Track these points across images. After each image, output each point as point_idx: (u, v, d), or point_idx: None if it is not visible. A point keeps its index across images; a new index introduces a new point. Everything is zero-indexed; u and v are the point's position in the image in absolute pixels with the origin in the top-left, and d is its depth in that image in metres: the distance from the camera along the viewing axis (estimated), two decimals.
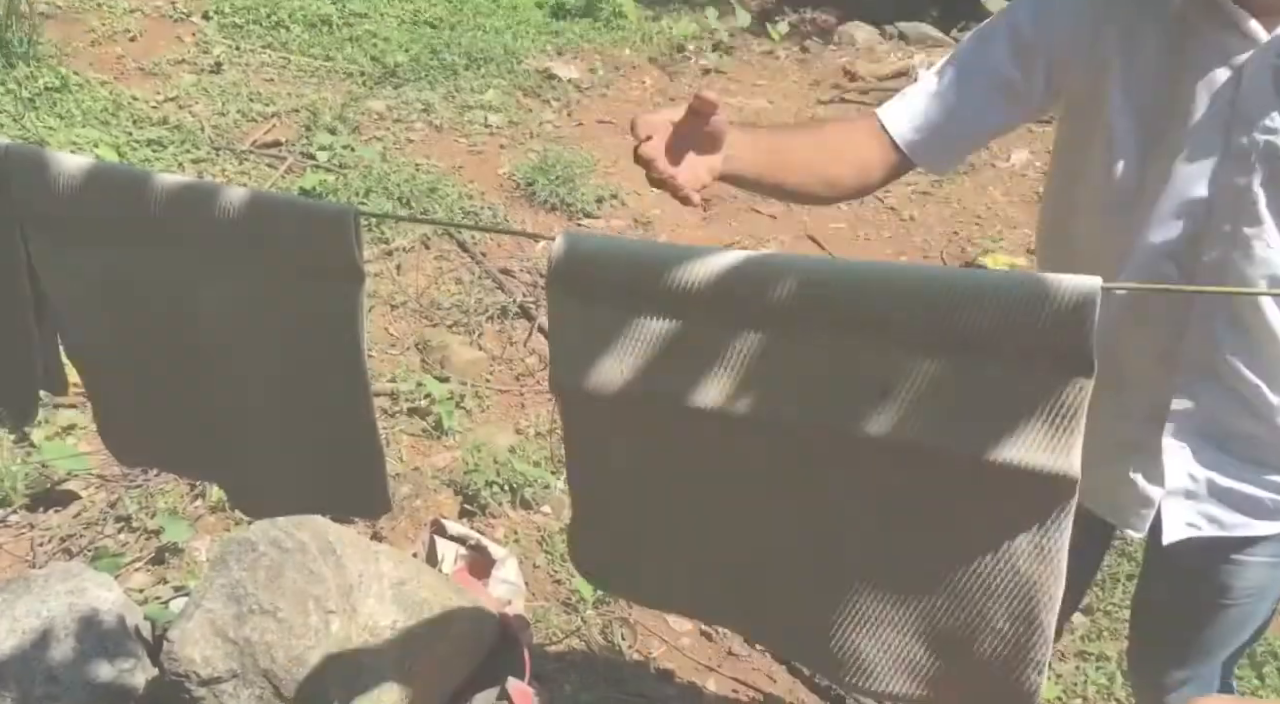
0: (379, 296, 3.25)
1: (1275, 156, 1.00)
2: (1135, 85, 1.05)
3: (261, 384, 1.02)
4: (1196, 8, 1.01)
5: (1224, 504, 1.17)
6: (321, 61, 4.69)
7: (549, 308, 0.85)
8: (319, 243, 0.89)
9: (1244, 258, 1.04)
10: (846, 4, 6.66)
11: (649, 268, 0.79)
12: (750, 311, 0.76)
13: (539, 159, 4.09)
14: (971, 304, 0.67)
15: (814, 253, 3.79)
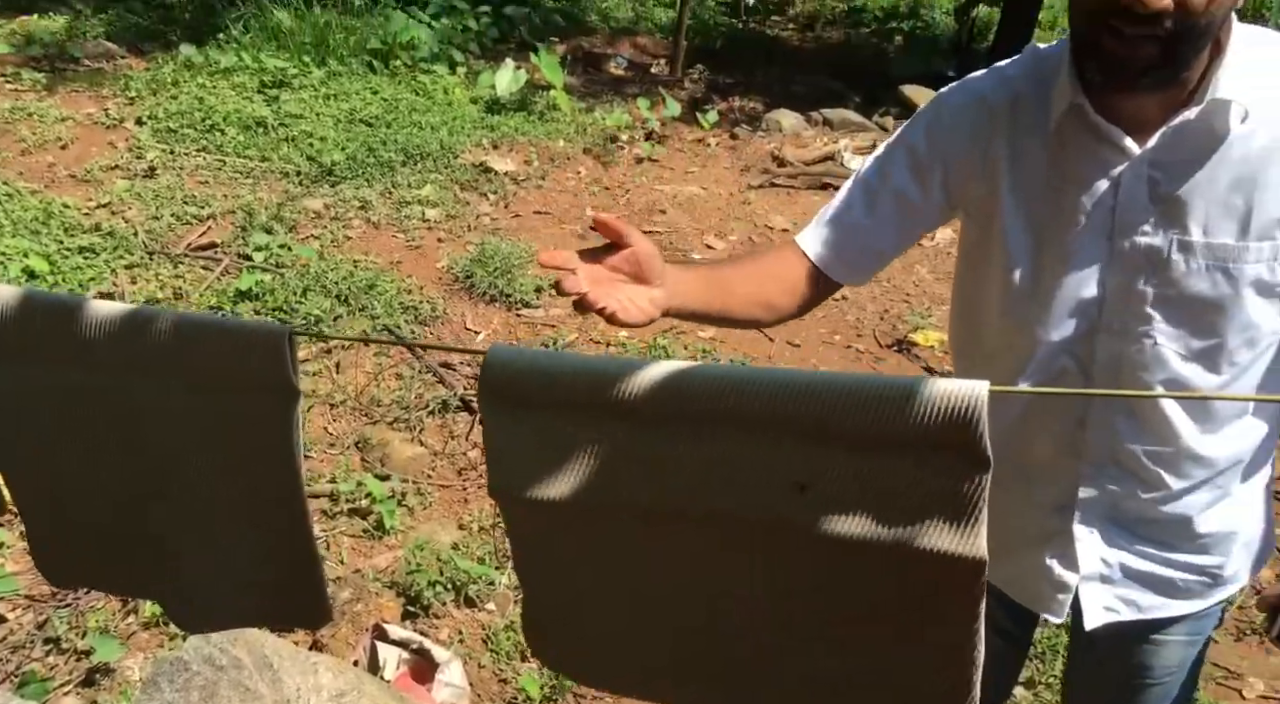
0: (318, 396, 3.23)
1: (1155, 258, 1.06)
2: (1024, 195, 1.12)
3: (197, 501, 1.02)
4: (1074, 125, 1.08)
5: (1139, 587, 1.21)
6: (257, 162, 4.73)
7: (483, 420, 0.88)
8: (253, 363, 0.91)
9: (1137, 353, 1.10)
10: (773, 92, 6.93)
11: (573, 380, 0.82)
12: (673, 418, 0.79)
13: (477, 251, 4.14)
14: (876, 407, 0.71)
15: (751, 333, 3.87)
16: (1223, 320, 1.07)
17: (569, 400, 0.81)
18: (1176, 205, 1.05)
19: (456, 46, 6.41)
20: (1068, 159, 1.09)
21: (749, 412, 0.75)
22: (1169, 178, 1.05)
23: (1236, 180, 1.03)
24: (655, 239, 4.55)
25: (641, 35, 7.86)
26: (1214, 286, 1.06)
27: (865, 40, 8.21)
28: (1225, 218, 1.04)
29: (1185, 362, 1.09)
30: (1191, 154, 1.04)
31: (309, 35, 5.81)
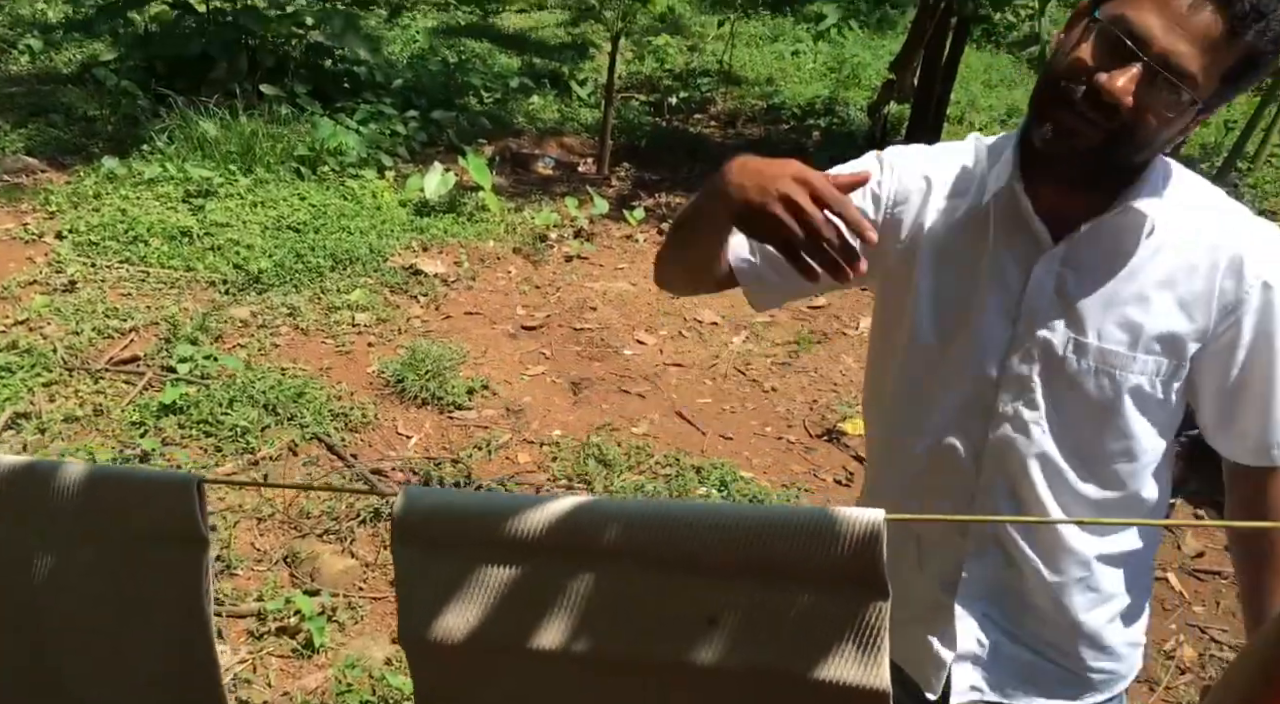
0: (244, 511, 3.16)
1: (1051, 353, 1.13)
2: (941, 269, 1.18)
3: (105, 654, 0.99)
4: (1002, 210, 1.14)
5: (1008, 672, 1.25)
6: (182, 273, 4.69)
7: (394, 563, 0.88)
8: (161, 513, 0.90)
9: (1024, 438, 1.16)
10: (697, 187, 7.11)
11: (486, 520, 0.83)
12: (583, 556, 0.81)
13: (408, 355, 4.13)
14: (777, 539, 0.73)
15: (684, 428, 3.90)
16: (1105, 425, 1.14)
17: (481, 539, 0.83)
18: (1077, 306, 1.11)
19: (385, 151, 6.48)
20: (989, 242, 1.15)
21: (656, 549, 0.77)
22: (1076, 278, 1.11)
23: (1134, 295, 1.10)
24: (587, 336, 4.61)
25: (568, 135, 8.05)
26: (1100, 390, 1.12)
27: (784, 136, 8.51)
28: (1119, 327, 1.10)
29: (1066, 458, 1.15)
30: (1100, 260, 1.11)
31: (235, 144, 5.84)
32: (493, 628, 0.84)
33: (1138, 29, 0.97)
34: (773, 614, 0.76)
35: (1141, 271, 1.10)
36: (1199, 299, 1.09)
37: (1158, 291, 1.10)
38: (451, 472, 3.45)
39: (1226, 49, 0.97)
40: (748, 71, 10.03)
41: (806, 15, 11.81)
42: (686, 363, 4.43)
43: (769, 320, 4.89)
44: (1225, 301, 1.09)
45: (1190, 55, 0.96)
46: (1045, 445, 1.15)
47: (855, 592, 0.72)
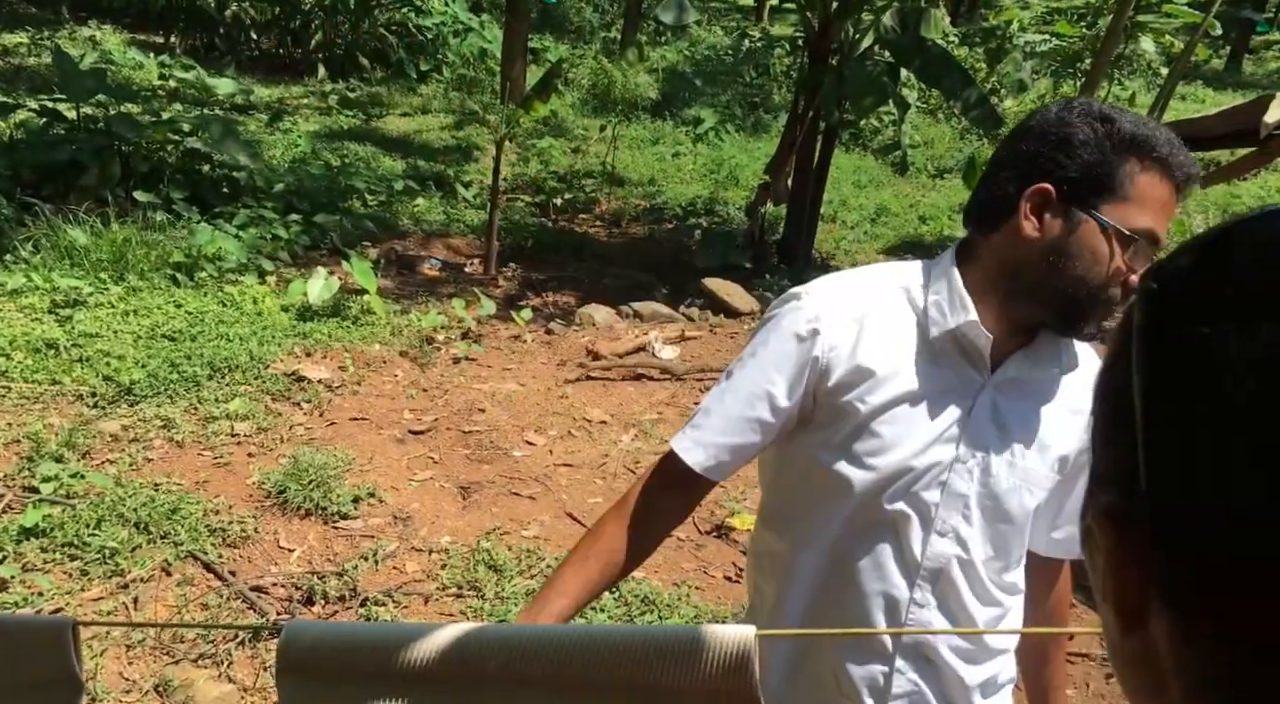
0: (112, 638, 2.98)
1: (988, 472, 1.22)
2: (884, 402, 1.22)
3: None
4: (950, 343, 1.22)
5: None
6: (47, 386, 4.48)
7: (279, 698, 0.87)
8: (34, 659, 0.87)
9: (962, 553, 1.24)
10: (584, 286, 7.25)
11: (371, 651, 0.84)
12: (469, 682, 0.82)
13: (290, 464, 4.03)
14: (654, 660, 0.76)
15: (575, 529, 3.89)
16: (1013, 534, 1.25)
17: (366, 672, 0.83)
18: (1009, 428, 1.22)
19: (266, 256, 6.41)
20: (937, 369, 1.22)
21: (540, 673, 0.79)
22: (1006, 402, 1.22)
23: (1051, 418, 1.23)
24: (475, 438, 4.58)
25: (454, 237, 8.12)
26: (1019, 504, 1.24)
27: (668, 235, 8.78)
28: (1037, 448, 1.23)
29: (987, 567, 1.25)
30: (1030, 385, 1.24)
31: (106, 252, 5.68)
32: None
33: (1156, 234, 1.12)
34: None
35: (1057, 398, 1.24)
36: (1084, 435, 1.24)
37: (1064, 421, 1.24)
38: (336, 585, 3.35)
39: None
40: (631, 172, 10.36)
41: (685, 119, 12.33)
42: (576, 463, 4.45)
43: (657, 417, 4.97)
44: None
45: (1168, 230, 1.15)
46: (975, 557, 1.24)
47: None
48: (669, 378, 5.46)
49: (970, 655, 1.28)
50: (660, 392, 5.33)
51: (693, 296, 6.86)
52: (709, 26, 17.42)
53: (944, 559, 1.23)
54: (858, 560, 1.25)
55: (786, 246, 7.75)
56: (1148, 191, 1.10)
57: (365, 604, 3.28)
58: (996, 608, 1.27)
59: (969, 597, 1.25)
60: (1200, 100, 15.14)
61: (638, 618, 3.34)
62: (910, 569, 1.24)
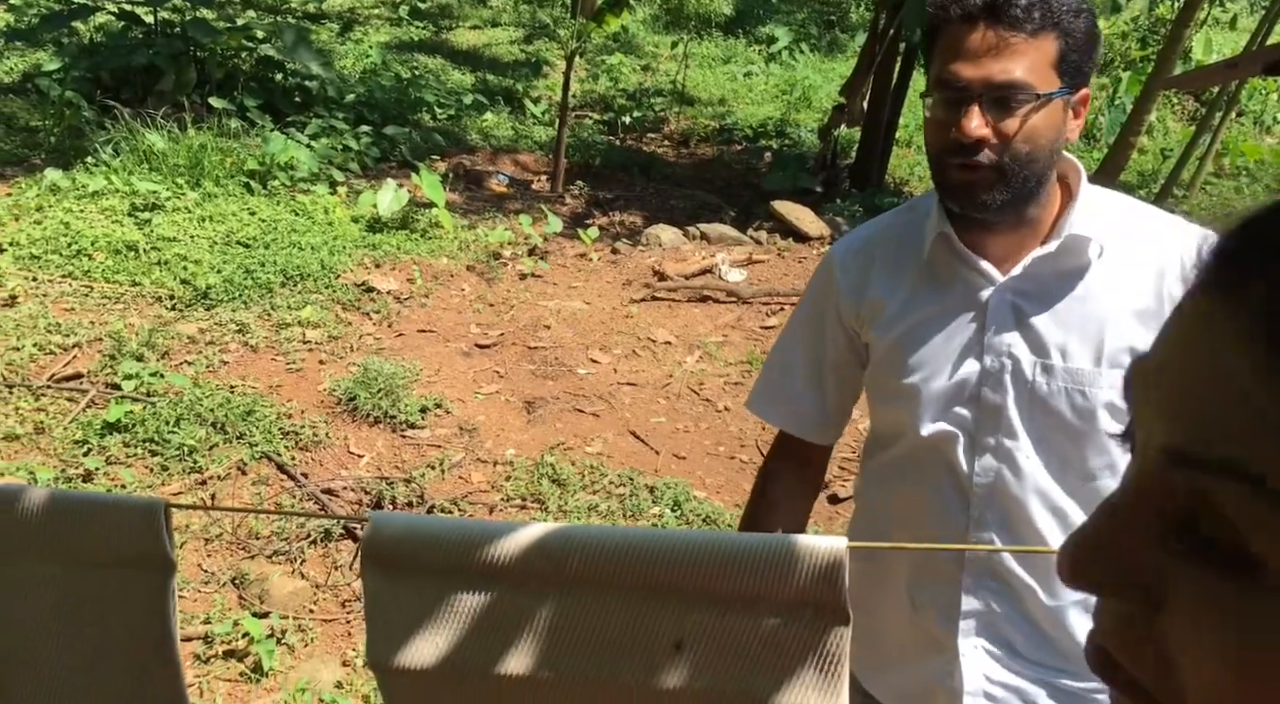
0: (191, 531, 3.10)
1: (1021, 379, 1.17)
2: (905, 323, 1.23)
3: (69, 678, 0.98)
4: (943, 254, 1.22)
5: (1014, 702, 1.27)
6: (128, 287, 4.60)
7: (363, 588, 0.88)
8: (128, 538, 0.89)
9: (1011, 469, 1.19)
10: (651, 207, 7.17)
11: (454, 547, 0.84)
12: (551, 581, 0.81)
13: (360, 373, 4.09)
14: (741, 566, 0.75)
15: (637, 447, 3.91)
16: (1083, 441, 1.17)
17: (449, 566, 0.83)
18: (1037, 331, 1.17)
19: (337, 166, 6.44)
20: (940, 285, 1.22)
21: (622, 576, 0.78)
22: (1032, 305, 1.18)
23: (1090, 313, 1.16)
24: (541, 355, 4.61)
25: (522, 153, 8.06)
26: (1073, 409, 1.16)
27: (737, 157, 8.61)
28: (1081, 345, 1.16)
29: (1053, 478, 1.18)
30: (1052, 284, 1.18)
31: (183, 157, 5.75)
32: (460, 653, 0.84)
33: (952, 78, 1.12)
34: (737, 639, 0.77)
35: (1093, 290, 1.17)
36: (1149, 309, 1.16)
37: (1113, 308, 1.16)
38: (404, 491, 3.43)
39: (1030, 44, 1.10)
40: (701, 92, 10.14)
41: (759, 37, 11.99)
42: (640, 382, 4.45)
43: (722, 340, 4.94)
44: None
45: (1005, 68, 1.09)
46: (1031, 472, 1.19)
47: (817, 618, 0.74)
48: (735, 301, 5.41)
49: (1045, 579, 1.22)
50: (726, 314, 5.28)
51: (761, 220, 6.74)
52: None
53: (992, 475, 1.20)
54: (915, 488, 1.25)
55: (859, 171, 7.56)
56: (941, 43, 1.13)
57: (432, 511, 3.35)
58: (1074, 520, 1.20)
59: (1036, 512, 1.19)
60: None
61: None
62: (963, 490, 1.21)
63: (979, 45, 1.10)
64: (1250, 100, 9.21)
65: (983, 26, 1.09)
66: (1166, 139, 8.76)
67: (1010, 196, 1.14)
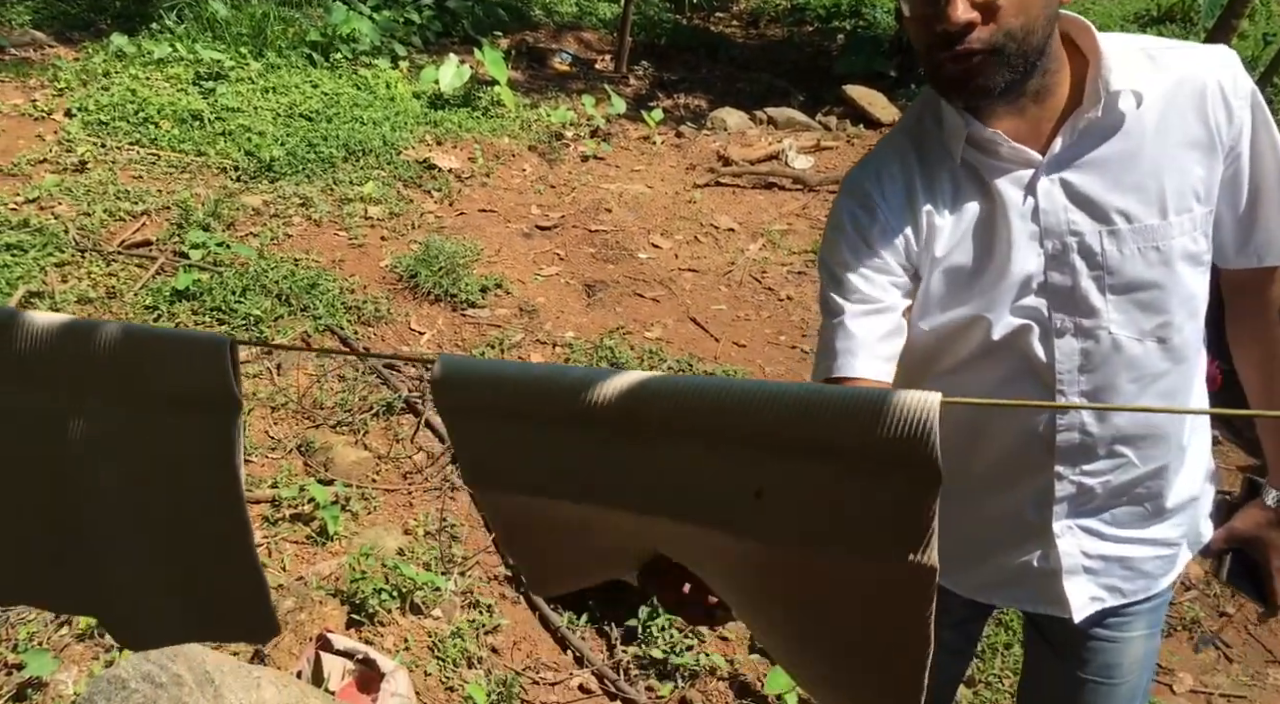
0: (259, 399, 3.16)
1: (1089, 254, 1.11)
2: (956, 228, 1.16)
3: (138, 517, 0.99)
4: (972, 151, 1.14)
5: (1116, 574, 1.26)
6: (193, 157, 4.61)
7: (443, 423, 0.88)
8: (194, 374, 0.88)
9: (1094, 346, 1.14)
10: (717, 89, 6.95)
11: (526, 390, 0.81)
12: (627, 427, 0.79)
13: (421, 250, 4.09)
14: (828, 416, 0.71)
15: (697, 333, 3.88)
16: (1165, 296, 1.13)
17: (520, 410, 0.81)
18: (1094, 200, 1.11)
19: (399, 40, 6.32)
20: (982, 184, 1.15)
21: (701, 423, 0.75)
22: (1081, 176, 1.11)
23: (1143, 166, 1.10)
24: (601, 238, 4.55)
25: (586, 30, 7.84)
26: (1149, 267, 1.12)
27: (808, 38, 8.27)
28: (1143, 202, 1.11)
29: (1139, 342, 1.15)
30: (1095, 150, 1.11)
31: (246, 26, 5.68)
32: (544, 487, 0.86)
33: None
34: (822, 491, 0.74)
35: (1140, 142, 1.10)
36: (1201, 139, 1.11)
37: (1163, 152, 1.10)
38: None
39: None
40: None
41: None
42: (701, 269, 4.39)
43: (787, 228, 4.83)
44: (1225, 130, 1.11)
45: None
46: (1115, 342, 1.14)
47: (908, 473, 0.70)
48: (801, 188, 5.27)
49: (1136, 442, 1.19)
50: (791, 202, 5.15)
51: (831, 104, 6.50)
52: None
53: (1076, 356, 1.15)
54: (992, 390, 1.19)
55: None
56: None
57: None
58: (1163, 380, 1.17)
59: (1124, 382, 1.16)
60: None
61: None
62: (1045, 380, 1.16)
63: None
64: None
65: None
66: (1270, 23, 8.20)
67: (1016, 76, 1.06)
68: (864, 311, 1.16)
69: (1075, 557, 1.24)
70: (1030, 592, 1.28)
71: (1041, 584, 1.26)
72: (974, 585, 1.32)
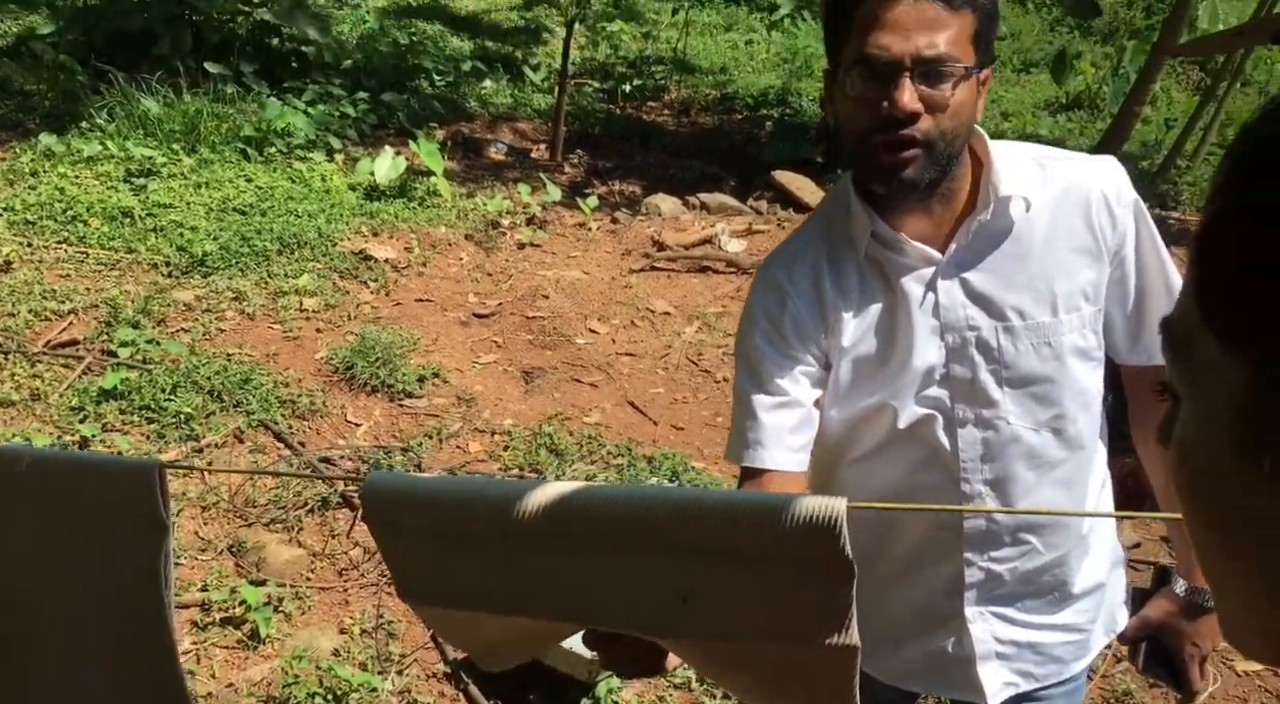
0: (188, 499, 3.10)
1: (988, 348, 1.18)
2: (862, 322, 1.21)
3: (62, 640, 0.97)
4: (877, 247, 1.20)
5: (1029, 660, 1.29)
6: (123, 254, 4.57)
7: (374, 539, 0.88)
8: (121, 501, 0.88)
9: (994, 436, 1.20)
10: (651, 176, 7.12)
11: (452, 504, 0.83)
12: (552, 537, 0.81)
13: (357, 341, 4.08)
14: (746, 525, 0.75)
15: (635, 418, 3.91)
16: (1058, 389, 1.19)
17: (448, 526, 0.83)
18: (990, 298, 1.18)
19: (334, 133, 6.38)
20: (886, 279, 1.20)
21: (625, 534, 0.77)
22: (978, 274, 1.18)
23: (1034, 267, 1.17)
24: (539, 324, 4.59)
25: (521, 120, 7.99)
26: (1043, 361, 1.18)
27: (738, 126, 8.54)
28: (1035, 300, 1.17)
29: (1036, 432, 1.20)
30: (990, 250, 1.18)
31: (179, 123, 5.70)
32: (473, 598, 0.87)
33: (881, 52, 1.07)
34: (744, 591, 0.78)
35: (1030, 245, 1.18)
36: (1087, 245, 1.18)
37: (1052, 255, 1.18)
38: (401, 460, 3.42)
39: (955, 18, 1.08)
40: (702, 60, 10.04)
41: (760, 5, 11.84)
42: (639, 352, 4.44)
43: (721, 310, 4.92)
44: (1109, 236, 1.19)
45: (932, 42, 1.06)
46: (1013, 433, 1.20)
47: (822, 571, 0.74)
48: (735, 271, 5.38)
49: (1040, 528, 1.24)
50: (725, 284, 5.26)
51: (761, 189, 6.70)
52: None
53: (977, 447, 1.20)
54: (899, 477, 1.24)
55: None
56: (861, 16, 1.09)
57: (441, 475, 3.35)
58: (1060, 468, 1.23)
59: (1023, 470, 1.21)
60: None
61: None
62: (949, 468, 1.21)
63: (906, 18, 1.06)
64: (1255, 70, 9.12)
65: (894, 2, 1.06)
66: (1171, 109, 8.69)
67: (937, 175, 1.13)
68: (776, 404, 1.20)
69: (988, 642, 1.28)
70: (946, 679, 1.32)
71: (957, 670, 1.29)
72: (896, 673, 1.34)
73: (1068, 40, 10.19)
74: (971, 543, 1.24)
